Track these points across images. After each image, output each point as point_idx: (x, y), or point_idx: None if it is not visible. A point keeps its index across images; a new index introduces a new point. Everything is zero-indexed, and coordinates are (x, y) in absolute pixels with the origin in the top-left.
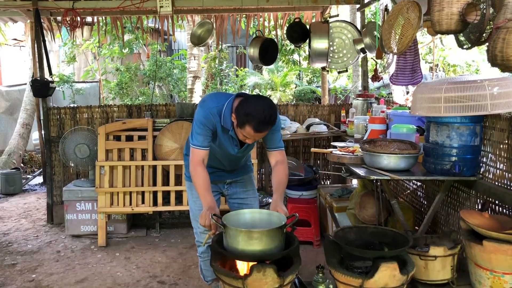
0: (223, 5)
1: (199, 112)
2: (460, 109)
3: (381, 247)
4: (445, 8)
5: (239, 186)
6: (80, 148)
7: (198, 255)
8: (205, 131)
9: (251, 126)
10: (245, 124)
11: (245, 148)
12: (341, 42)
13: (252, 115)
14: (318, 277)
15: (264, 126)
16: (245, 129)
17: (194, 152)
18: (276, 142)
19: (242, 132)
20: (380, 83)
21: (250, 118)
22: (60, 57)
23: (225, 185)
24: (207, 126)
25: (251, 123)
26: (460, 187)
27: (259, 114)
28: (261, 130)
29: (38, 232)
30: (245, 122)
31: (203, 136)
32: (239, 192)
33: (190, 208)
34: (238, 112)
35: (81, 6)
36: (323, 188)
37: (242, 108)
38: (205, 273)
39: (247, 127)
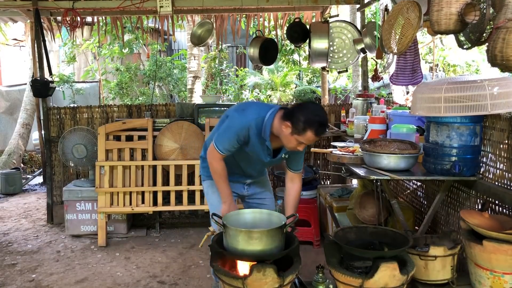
0: (223, 5)
1: (236, 120)
2: (460, 109)
3: (381, 247)
4: (444, 8)
5: (258, 186)
6: (77, 148)
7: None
8: (235, 140)
9: (313, 131)
10: (307, 130)
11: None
12: (341, 42)
13: (313, 120)
14: (318, 277)
15: (324, 129)
16: (305, 135)
17: (215, 152)
18: (300, 164)
19: (299, 138)
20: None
21: (312, 122)
22: (60, 57)
23: (245, 186)
24: (240, 137)
25: (313, 127)
26: (460, 187)
27: (319, 118)
28: (322, 133)
29: (38, 232)
30: (307, 127)
31: (231, 144)
32: (259, 192)
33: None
34: (296, 119)
35: (81, 6)
36: (323, 188)
37: (300, 115)
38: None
39: (309, 132)
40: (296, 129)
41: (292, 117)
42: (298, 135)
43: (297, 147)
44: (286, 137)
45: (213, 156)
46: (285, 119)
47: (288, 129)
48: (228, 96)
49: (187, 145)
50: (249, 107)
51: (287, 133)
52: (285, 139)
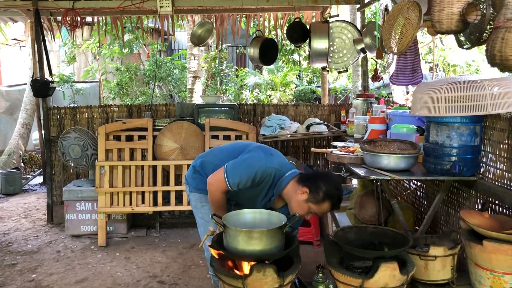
0: (223, 5)
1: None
2: (460, 109)
3: (381, 247)
4: (446, 8)
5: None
6: (73, 149)
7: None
8: (250, 180)
9: (331, 204)
10: (325, 201)
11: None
12: (341, 42)
13: (334, 194)
14: (318, 277)
15: (340, 204)
16: (322, 206)
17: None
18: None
19: (315, 208)
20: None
21: (332, 196)
22: (60, 57)
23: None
24: (256, 179)
25: (332, 201)
26: (460, 187)
27: (339, 193)
28: (337, 208)
29: (38, 232)
30: (326, 199)
31: (244, 182)
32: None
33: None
34: (316, 187)
35: (81, 6)
36: None
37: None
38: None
39: (326, 204)
40: (314, 197)
41: (312, 184)
42: (314, 204)
43: (306, 215)
44: (298, 203)
45: (218, 186)
46: (303, 184)
47: (304, 195)
48: (228, 96)
49: (187, 145)
50: (277, 155)
51: (301, 199)
52: (297, 204)
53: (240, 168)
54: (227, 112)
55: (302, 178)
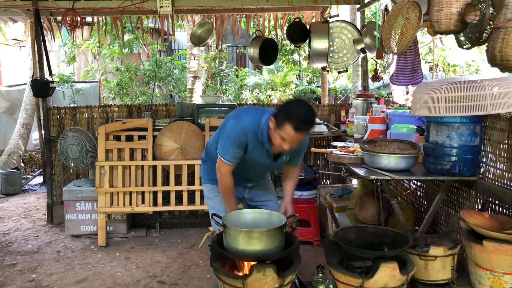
0: (223, 5)
1: (233, 127)
2: (460, 109)
3: (381, 247)
4: (444, 8)
5: (260, 189)
6: (71, 149)
7: None
8: (236, 148)
9: (292, 125)
10: (285, 123)
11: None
12: (341, 42)
13: (293, 114)
14: (318, 277)
15: (304, 125)
16: (284, 129)
17: (222, 165)
18: (300, 159)
19: (281, 133)
20: (380, 83)
21: (291, 117)
22: (60, 57)
23: (246, 189)
24: (240, 143)
25: (291, 121)
26: (460, 187)
27: (300, 114)
28: (301, 129)
29: (38, 232)
30: (285, 120)
31: (234, 153)
32: (261, 195)
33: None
34: (278, 114)
35: (81, 6)
36: (323, 188)
37: (282, 110)
38: None
39: (287, 126)
40: (277, 123)
41: (276, 113)
42: (279, 129)
43: (281, 144)
44: (273, 134)
45: (221, 169)
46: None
47: (272, 123)
48: (228, 96)
49: (187, 145)
50: (245, 113)
51: (272, 128)
52: (273, 136)
53: (225, 144)
54: (227, 112)
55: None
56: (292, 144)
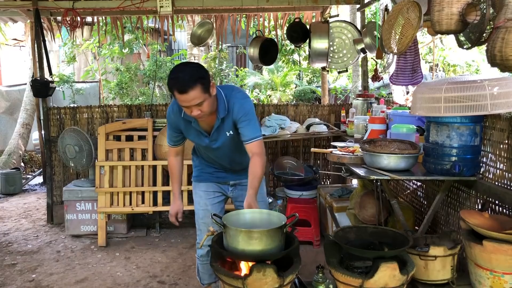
0: (223, 5)
1: (168, 110)
2: (460, 109)
3: (381, 247)
4: (445, 8)
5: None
6: (69, 149)
7: (197, 257)
8: (170, 130)
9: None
10: (172, 91)
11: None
12: (341, 42)
13: (169, 77)
14: (318, 277)
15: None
16: (177, 97)
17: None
18: (249, 133)
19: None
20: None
21: (168, 80)
22: (60, 57)
23: (230, 187)
24: (171, 125)
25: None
26: (460, 187)
27: (171, 73)
28: (176, 88)
29: (38, 232)
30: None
31: (170, 135)
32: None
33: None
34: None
35: (81, 6)
36: (323, 188)
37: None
38: (202, 275)
39: (174, 93)
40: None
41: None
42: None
43: (191, 113)
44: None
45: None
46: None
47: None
48: None
49: (187, 145)
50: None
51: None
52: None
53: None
54: None
55: None
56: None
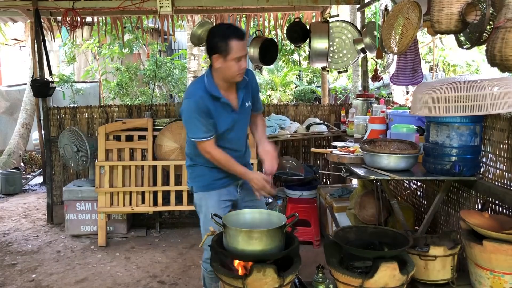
0: (223, 5)
1: (186, 105)
2: (460, 109)
3: (381, 247)
4: (445, 8)
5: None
6: (66, 149)
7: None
8: (202, 118)
9: (233, 38)
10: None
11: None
12: (341, 42)
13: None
14: (318, 277)
15: (237, 30)
16: (232, 48)
17: (203, 144)
18: (261, 103)
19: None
20: (380, 83)
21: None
22: (60, 57)
23: (237, 188)
24: (201, 111)
25: (231, 36)
26: (460, 187)
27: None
28: (240, 35)
29: (38, 232)
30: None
31: (203, 125)
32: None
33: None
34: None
35: (81, 6)
36: (323, 188)
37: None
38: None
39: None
40: (223, 51)
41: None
42: (228, 55)
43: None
44: (225, 69)
45: (206, 149)
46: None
47: (219, 59)
48: None
49: None
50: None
51: (222, 64)
52: (227, 71)
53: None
54: None
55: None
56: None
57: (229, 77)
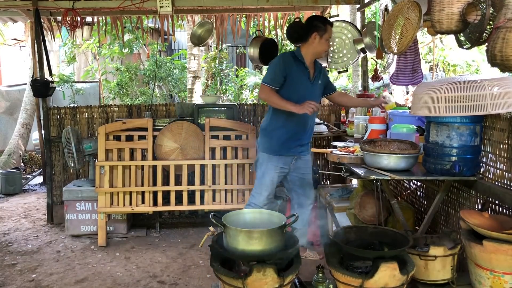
0: (223, 5)
1: (277, 58)
2: (460, 109)
3: (381, 247)
4: (446, 8)
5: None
6: (66, 148)
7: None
8: (278, 70)
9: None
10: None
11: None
12: (341, 42)
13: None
14: (318, 277)
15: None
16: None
17: (264, 88)
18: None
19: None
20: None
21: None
22: (60, 57)
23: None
24: (282, 67)
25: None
26: (460, 187)
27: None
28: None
29: (38, 232)
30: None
31: (275, 75)
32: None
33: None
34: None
35: (81, 6)
36: (323, 188)
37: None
38: None
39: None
40: (322, 31)
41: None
42: (324, 34)
43: (328, 45)
44: (319, 45)
45: (263, 92)
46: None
47: (317, 37)
48: (228, 96)
49: (187, 145)
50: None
51: (318, 41)
52: (319, 46)
53: (267, 73)
54: (227, 112)
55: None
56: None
57: (319, 51)
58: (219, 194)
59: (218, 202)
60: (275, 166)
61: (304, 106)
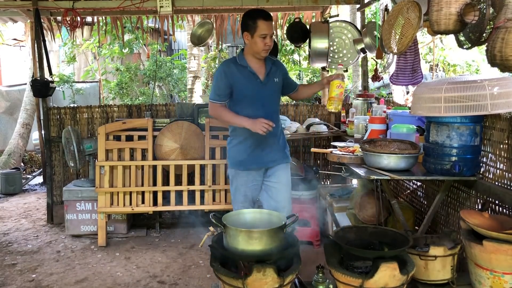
0: (223, 5)
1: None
2: (460, 109)
3: (381, 247)
4: (444, 8)
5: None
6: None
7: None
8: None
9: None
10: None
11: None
12: (341, 42)
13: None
14: (318, 277)
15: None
16: (259, 27)
17: (211, 105)
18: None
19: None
20: (380, 83)
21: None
22: (60, 57)
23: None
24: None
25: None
26: (460, 187)
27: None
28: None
29: (38, 232)
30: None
31: (218, 89)
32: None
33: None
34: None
35: (81, 6)
36: (323, 188)
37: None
38: None
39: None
40: (251, 29)
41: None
42: (255, 33)
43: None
44: (253, 45)
45: (212, 110)
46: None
47: (248, 37)
48: None
49: (187, 145)
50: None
51: (251, 41)
52: (254, 47)
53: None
54: None
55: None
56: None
57: (257, 51)
58: (219, 194)
59: (218, 202)
60: (246, 181)
61: (257, 125)
